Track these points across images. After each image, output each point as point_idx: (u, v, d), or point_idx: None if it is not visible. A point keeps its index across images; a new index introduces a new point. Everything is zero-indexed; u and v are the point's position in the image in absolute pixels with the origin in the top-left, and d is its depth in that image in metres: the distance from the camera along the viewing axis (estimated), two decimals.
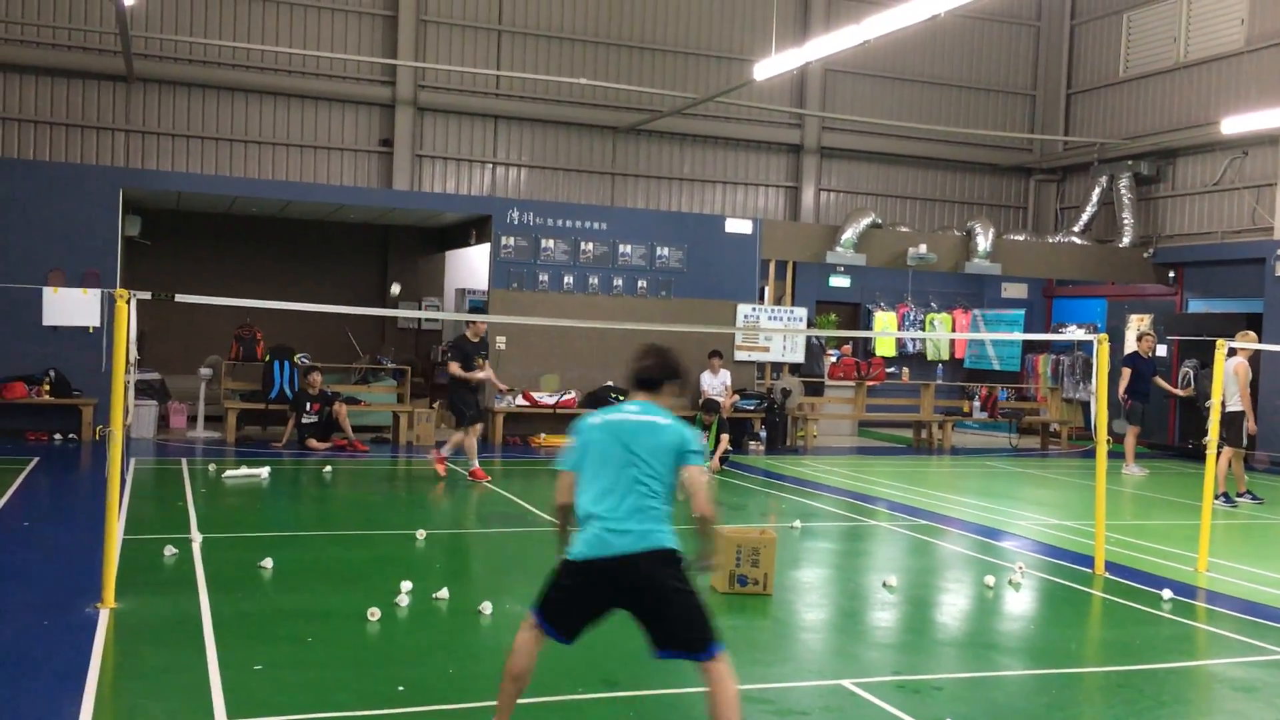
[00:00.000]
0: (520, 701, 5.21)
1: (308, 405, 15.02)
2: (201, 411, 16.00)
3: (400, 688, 5.32)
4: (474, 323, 13.03)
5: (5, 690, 5.14)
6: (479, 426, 12.84)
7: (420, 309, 20.65)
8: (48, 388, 14.79)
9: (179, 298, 7.29)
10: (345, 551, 8.73)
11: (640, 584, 4.47)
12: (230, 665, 5.52)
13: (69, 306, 14.96)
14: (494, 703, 4.82)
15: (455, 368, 12.70)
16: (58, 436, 14.65)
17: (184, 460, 13.27)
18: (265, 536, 9.06)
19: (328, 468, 13.07)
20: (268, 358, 16.04)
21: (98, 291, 14.91)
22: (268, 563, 7.70)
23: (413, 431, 16.04)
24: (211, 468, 12.54)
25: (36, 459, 12.75)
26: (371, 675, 5.56)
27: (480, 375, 12.81)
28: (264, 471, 12.19)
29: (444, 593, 7.05)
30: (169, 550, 8.00)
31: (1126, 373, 15.92)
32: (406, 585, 7.01)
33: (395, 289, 20.32)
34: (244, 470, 12.15)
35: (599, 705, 5.26)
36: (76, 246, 15.14)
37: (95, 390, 14.64)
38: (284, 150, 19.15)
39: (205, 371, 16.20)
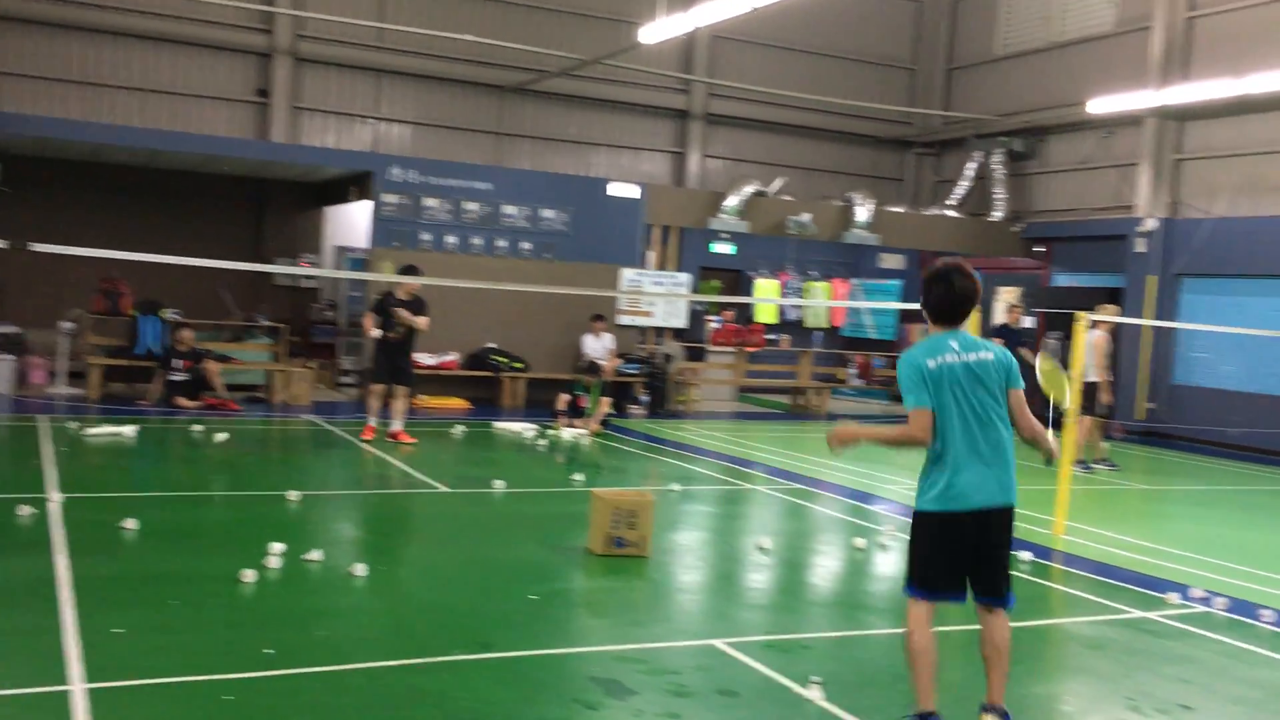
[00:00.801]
0: (394, 663, 5.19)
1: (177, 362, 14.54)
2: (64, 367, 15.35)
3: (269, 650, 5.22)
4: (403, 282, 12.36)
5: None
6: (381, 387, 12.46)
7: (297, 265, 20.13)
8: None
9: (35, 247, 6.97)
10: (214, 513, 8.52)
11: (1003, 533, 4.67)
12: (89, 629, 5.34)
13: None
14: (367, 663, 4.78)
15: (367, 320, 12.39)
16: None
17: (44, 418, 12.73)
18: (129, 497, 8.78)
19: (197, 427, 12.70)
20: (134, 312, 15.46)
21: None
22: (131, 524, 7.45)
23: (288, 391, 15.68)
24: (73, 425, 12.05)
25: None
26: (239, 638, 5.44)
27: (371, 331, 12.27)
28: (129, 430, 11.78)
29: (316, 554, 6.93)
30: (24, 510, 7.68)
31: (997, 344, 16.42)
32: (278, 547, 6.87)
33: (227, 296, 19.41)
34: (107, 428, 11.72)
35: (475, 666, 5.24)
36: None
37: None
38: (154, 97, 18.38)
39: (67, 326, 15.54)
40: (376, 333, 12.27)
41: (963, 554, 4.64)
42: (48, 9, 17.54)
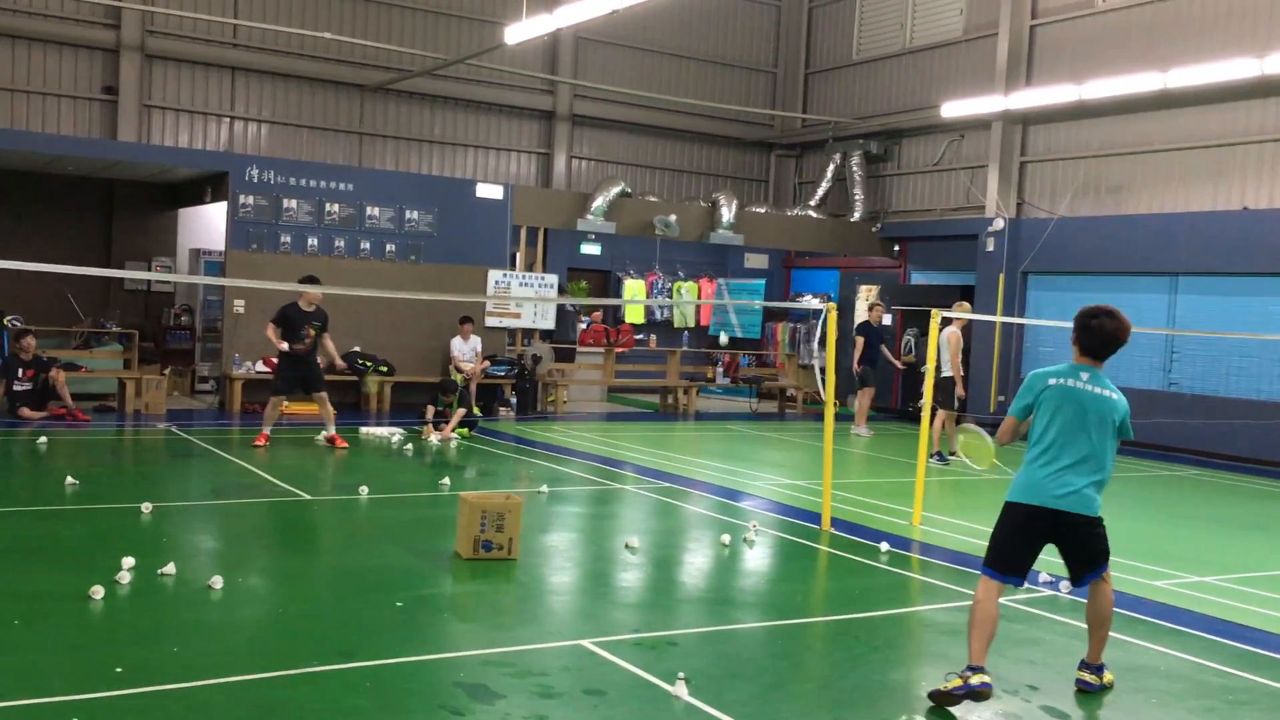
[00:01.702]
0: (252, 677, 5.06)
1: (19, 371, 13.88)
2: None
3: (119, 669, 5.03)
4: (305, 291, 12.37)
5: None
6: (280, 398, 12.70)
7: (150, 270, 19.42)
8: None
9: None
10: (61, 528, 8.16)
11: (1077, 536, 5.35)
12: None
13: None
14: (224, 679, 4.64)
15: (270, 331, 12.45)
16: None
17: None
18: None
19: (42, 439, 12.15)
20: None
21: None
22: None
23: (140, 399, 15.11)
24: None
25: None
26: (87, 658, 5.23)
27: (283, 347, 12.44)
28: None
29: (170, 568, 6.71)
30: None
31: (860, 341, 16.95)
32: (129, 562, 6.62)
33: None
34: None
35: (336, 676, 5.15)
36: None
37: None
38: None
39: None
40: (284, 345, 12.35)
41: (1037, 543, 5.40)
42: None
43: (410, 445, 13.19)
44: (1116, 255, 17.63)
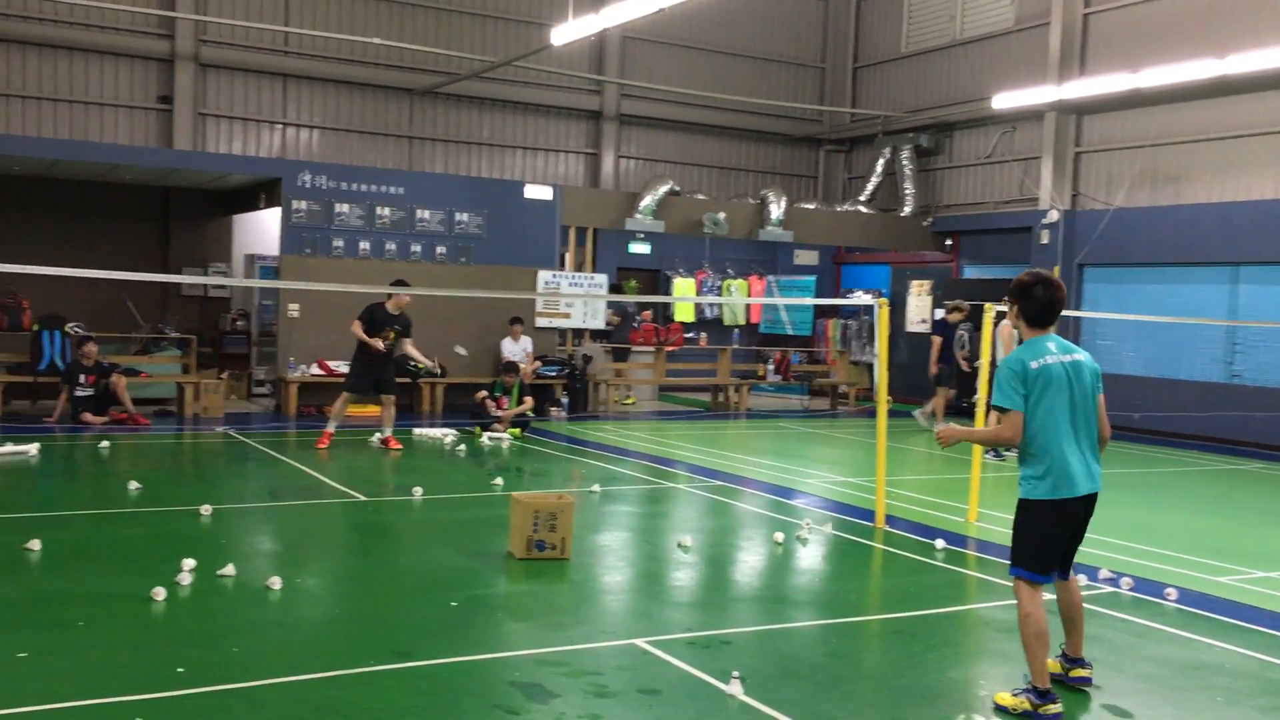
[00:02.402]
0: (310, 676, 5.11)
1: (81, 377, 14.16)
2: None
3: (180, 669, 5.11)
4: (394, 295, 12.61)
5: None
6: (352, 396, 12.93)
7: (207, 275, 19.72)
8: None
9: None
10: (123, 530, 8.30)
11: (1088, 517, 5.23)
12: None
13: None
14: (282, 678, 4.70)
15: (358, 327, 12.67)
16: None
17: None
18: (33, 517, 8.51)
19: (104, 443, 12.38)
20: (35, 327, 15.01)
21: None
22: (35, 545, 7.24)
23: (199, 403, 15.35)
24: None
25: None
26: (149, 658, 5.31)
27: (375, 344, 12.64)
28: (32, 449, 11.43)
29: (230, 569, 6.80)
30: None
31: (937, 341, 16.64)
32: (189, 563, 6.73)
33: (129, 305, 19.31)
34: (9, 447, 11.36)
35: (392, 676, 5.19)
36: None
37: None
38: (51, 105, 17.88)
39: None
40: (378, 343, 12.63)
41: (1067, 536, 5.22)
42: None
43: (463, 446, 13.27)
44: (1175, 246, 17.31)
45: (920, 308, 21.70)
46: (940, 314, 18.46)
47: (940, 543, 8.46)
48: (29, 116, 17.73)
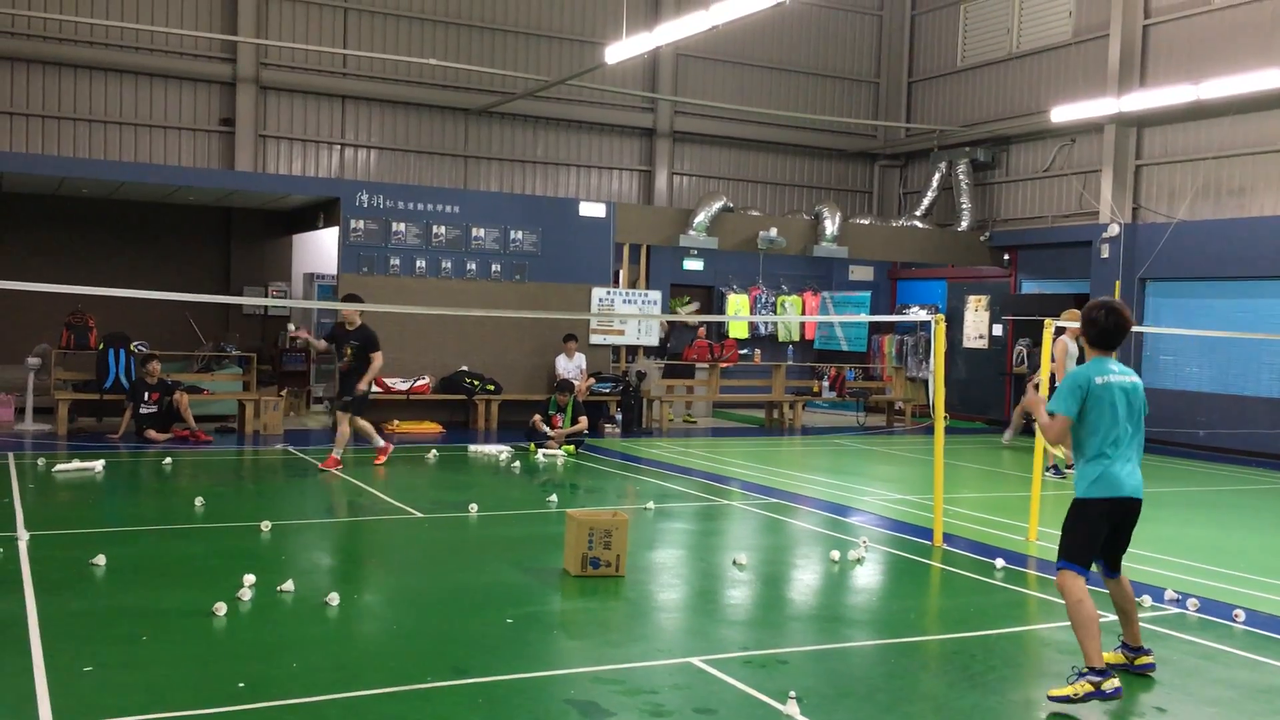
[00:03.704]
0: (369, 692, 5.15)
1: (146, 395, 14.43)
2: (30, 403, 15.19)
3: (241, 684, 5.17)
4: (341, 310, 12.40)
5: None
6: (343, 415, 12.29)
7: (266, 294, 20.06)
8: None
9: None
10: (185, 546, 8.43)
11: (1132, 521, 5.68)
12: (57, 668, 5.27)
13: None
14: (342, 694, 4.73)
15: (321, 345, 12.89)
16: None
17: (10, 455, 12.58)
18: (98, 533, 8.68)
19: (167, 459, 12.60)
20: (101, 346, 15.33)
21: None
22: (100, 560, 7.38)
23: (259, 420, 15.57)
24: (40, 462, 11.92)
25: None
26: (211, 672, 5.38)
27: (312, 340, 13.22)
28: (98, 465, 11.66)
29: (289, 585, 6.88)
30: None
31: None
32: (250, 579, 6.81)
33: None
34: (75, 464, 11.60)
35: (449, 693, 5.21)
36: None
37: None
38: (117, 129, 18.30)
39: (33, 361, 15.39)
40: (307, 337, 13.29)
41: (1108, 532, 5.62)
42: (6, 43, 17.45)
43: (518, 463, 13.32)
44: (1240, 259, 16.97)
45: (978, 323, 21.47)
46: (971, 325, 18.22)
47: (1000, 562, 8.34)
48: (96, 140, 18.16)
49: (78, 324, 15.86)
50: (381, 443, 12.64)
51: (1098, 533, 5.58)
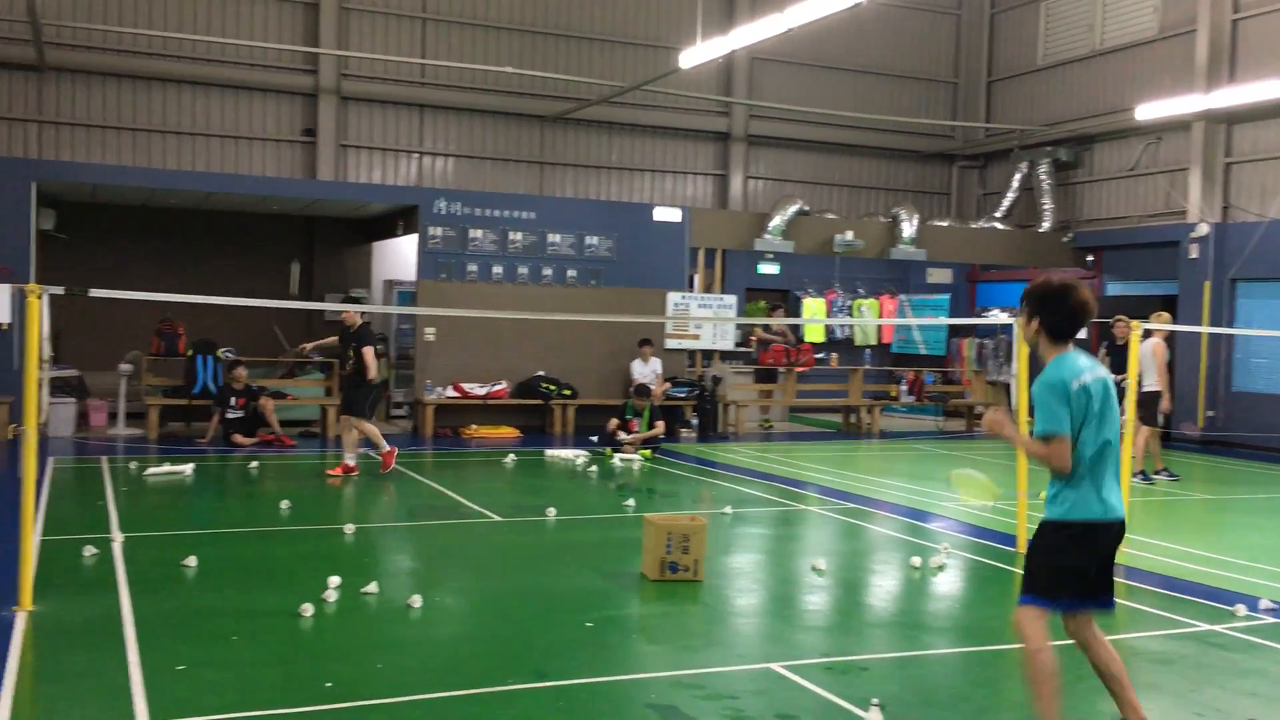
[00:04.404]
0: (452, 694, 5.21)
1: (232, 400, 14.77)
2: (122, 408, 15.64)
3: (328, 684, 5.27)
4: (345, 311, 12.26)
5: None
6: (346, 418, 12.14)
7: (346, 301, 20.39)
8: None
9: (93, 293, 7.12)
10: (272, 548, 8.61)
11: (1115, 549, 4.70)
12: (152, 666, 5.42)
13: None
14: (425, 695, 4.80)
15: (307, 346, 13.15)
16: None
17: (104, 458, 12.97)
18: (189, 534, 8.90)
19: (253, 463, 12.87)
20: (190, 352, 15.74)
21: (7, 287, 14.47)
22: (191, 561, 7.57)
23: (341, 425, 15.81)
24: (133, 465, 12.27)
25: None
26: (298, 672, 5.50)
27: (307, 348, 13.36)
28: (187, 469, 11.97)
29: (373, 587, 6.99)
30: (88, 550, 7.83)
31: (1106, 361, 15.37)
32: (334, 581, 6.94)
33: (295, 270, 20.06)
34: (166, 468, 11.92)
35: (530, 695, 5.25)
36: None
37: (8, 388, 14.23)
38: (204, 141, 18.77)
39: (125, 367, 15.85)
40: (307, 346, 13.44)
41: (1083, 563, 4.63)
42: (99, 59, 17.99)
43: (595, 467, 13.38)
44: None
45: None
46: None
47: None
48: (184, 152, 18.64)
49: (168, 331, 16.30)
50: (387, 446, 12.15)
51: (1073, 564, 4.58)
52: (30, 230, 15.11)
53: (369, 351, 11.92)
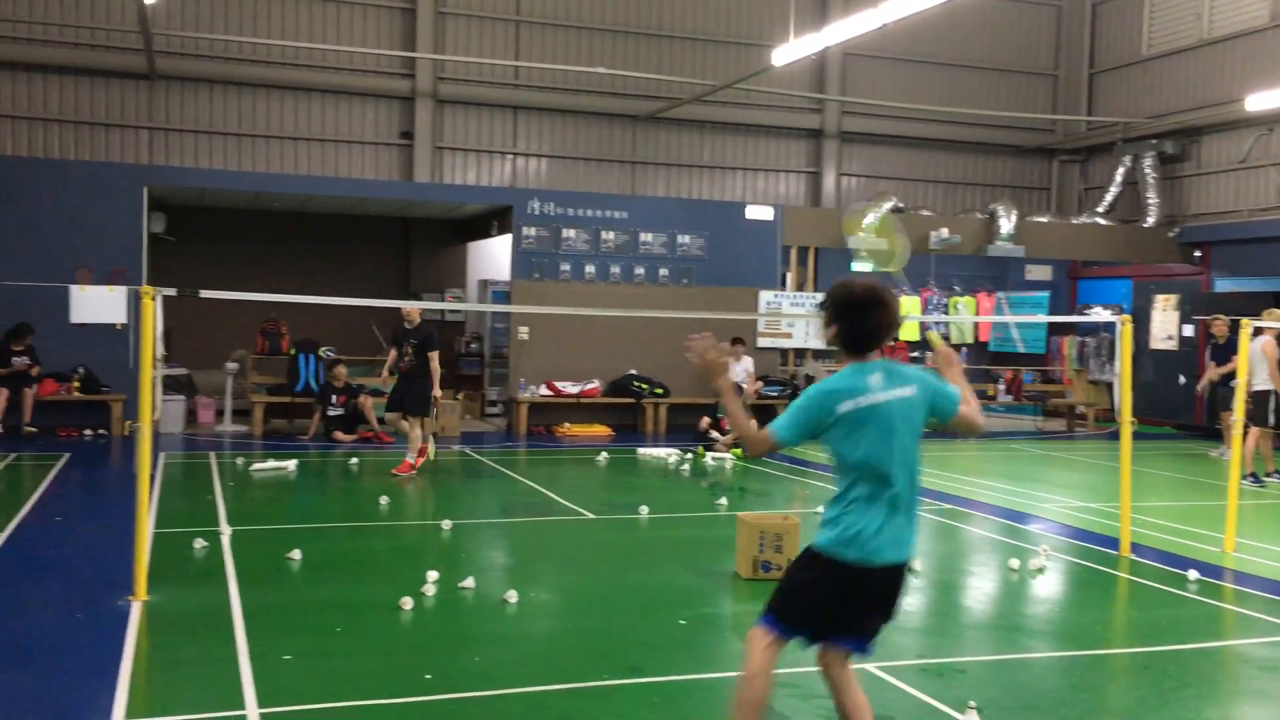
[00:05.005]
0: (547, 688, 5.28)
1: (333, 398, 15.14)
2: (229, 406, 16.14)
3: (427, 676, 5.38)
4: (408, 307, 12.07)
5: (40, 681, 5.24)
6: (413, 420, 11.92)
7: (443, 300, 20.73)
8: (77, 384, 14.96)
9: (203, 294, 7.37)
10: (372, 542, 8.82)
11: (891, 595, 4.14)
12: (260, 655, 5.60)
13: (96, 304, 15.12)
14: (522, 689, 4.88)
15: (391, 356, 12.07)
16: (88, 432, 14.82)
17: (212, 454, 13.40)
18: (293, 528, 9.15)
19: (354, 460, 13.17)
20: (293, 351, 16.17)
21: (123, 289, 15.05)
22: (296, 554, 7.79)
23: (437, 423, 16.09)
24: (239, 461, 12.66)
25: (67, 455, 12.91)
26: (399, 664, 5.63)
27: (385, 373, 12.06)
28: (290, 465, 12.30)
29: (470, 582, 7.11)
30: (199, 543, 8.11)
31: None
32: (433, 575, 7.08)
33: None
34: (271, 463, 12.27)
35: (625, 691, 5.29)
36: (102, 244, 15.30)
37: (123, 386, 14.80)
38: (305, 144, 19.25)
39: (231, 366, 16.35)
40: (385, 371, 12.14)
41: (837, 602, 4.06)
42: (205, 66, 18.57)
43: (687, 465, 13.40)
44: None
45: (1166, 323, 20.46)
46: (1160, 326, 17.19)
47: (1193, 573, 7.93)
48: (286, 155, 19.15)
49: (271, 331, 16.77)
50: (413, 459, 11.90)
51: (821, 598, 4.03)
52: (142, 233, 15.68)
53: (436, 358, 11.82)
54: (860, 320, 3.96)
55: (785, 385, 17.83)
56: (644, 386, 17.20)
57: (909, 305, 22.31)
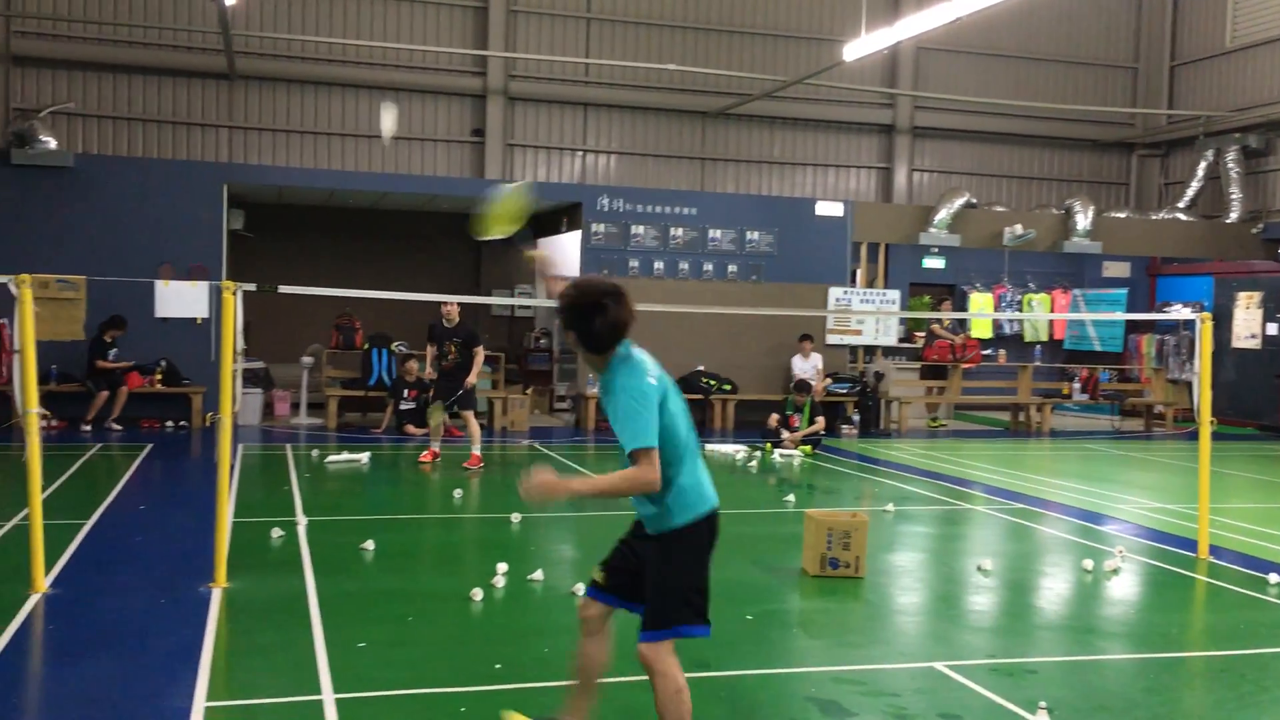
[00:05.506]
0: (617, 680, 5.32)
1: (405, 392, 15.36)
2: (304, 399, 16.46)
3: (498, 665, 5.47)
4: (445, 303, 12.16)
5: (126, 665, 5.41)
6: (466, 415, 12.35)
7: (513, 296, 20.92)
8: (160, 377, 15.37)
9: (282, 289, 7.54)
10: (443, 534, 8.95)
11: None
12: (335, 643, 5.73)
13: (179, 299, 15.51)
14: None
15: (430, 353, 12.51)
16: (169, 424, 15.21)
17: (288, 446, 13.68)
18: (366, 519, 9.32)
19: (425, 453, 13.35)
20: (366, 346, 16.44)
21: (205, 284, 15.41)
22: (369, 545, 7.94)
23: (507, 417, 16.29)
24: (314, 453, 12.91)
25: (150, 445, 13.27)
26: (470, 653, 5.72)
27: (425, 371, 12.43)
28: (364, 457, 12.52)
29: (539, 574, 7.20)
30: (276, 533, 8.30)
31: None
32: (502, 567, 7.18)
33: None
34: (345, 456, 12.50)
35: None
36: (184, 241, 15.69)
37: (204, 379, 15.18)
38: (379, 142, 19.53)
39: (307, 360, 16.66)
40: (429, 368, 12.58)
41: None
42: (283, 66, 18.95)
43: (755, 462, 13.39)
44: None
45: (1249, 321, 19.97)
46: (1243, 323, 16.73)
47: (1274, 577, 7.75)
48: (361, 153, 19.46)
49: (345, 325, 17.05)
50: (428, 452, 12.52)
51: (707, 563, 4.19)
52: (222, 230, 16.05)
53: (481, 352, 12.27)
54: (589, 327, 4.20)
55: (854, 382, 17.71)
56: (712, 383, 17.20)
57: (981, 303, 22.06)
